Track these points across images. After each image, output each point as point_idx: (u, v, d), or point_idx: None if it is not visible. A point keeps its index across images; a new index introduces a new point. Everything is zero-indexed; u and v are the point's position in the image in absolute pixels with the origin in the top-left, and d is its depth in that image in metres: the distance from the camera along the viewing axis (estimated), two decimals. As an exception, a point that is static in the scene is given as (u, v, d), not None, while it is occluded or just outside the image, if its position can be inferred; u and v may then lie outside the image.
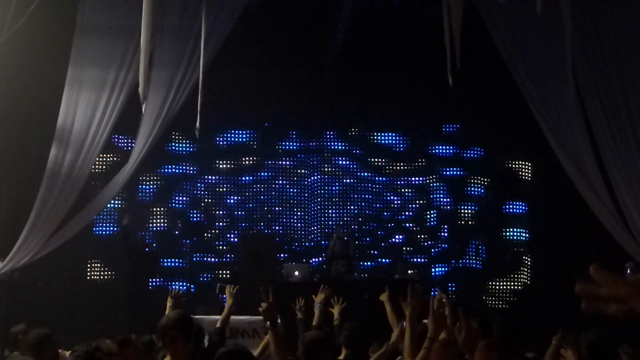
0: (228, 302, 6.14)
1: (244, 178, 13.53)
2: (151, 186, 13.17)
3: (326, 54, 11.88)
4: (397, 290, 5.49)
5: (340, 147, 13.83)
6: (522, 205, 13.89)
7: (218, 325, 5.86)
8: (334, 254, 11.63)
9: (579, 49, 8.47)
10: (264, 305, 4.31)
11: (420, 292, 4.50)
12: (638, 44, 8.71)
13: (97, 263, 12.56)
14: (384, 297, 5.74)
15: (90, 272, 12.50)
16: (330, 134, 13.81)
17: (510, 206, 13.86)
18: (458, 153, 13.86)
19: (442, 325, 4.33)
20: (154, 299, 12.05)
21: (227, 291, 6.23)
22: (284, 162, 13.67)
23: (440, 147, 13.89)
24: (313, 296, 6.48)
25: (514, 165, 13.93)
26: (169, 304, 5.93)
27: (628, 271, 8.15)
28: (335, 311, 6.36)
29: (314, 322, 6.12)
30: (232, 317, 6.23)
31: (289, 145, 13.76)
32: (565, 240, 12.27)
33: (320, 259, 13.18)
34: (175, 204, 13.29)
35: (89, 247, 12.34)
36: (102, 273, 12.55)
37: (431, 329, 4.22)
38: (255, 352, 5.22)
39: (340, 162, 13.78)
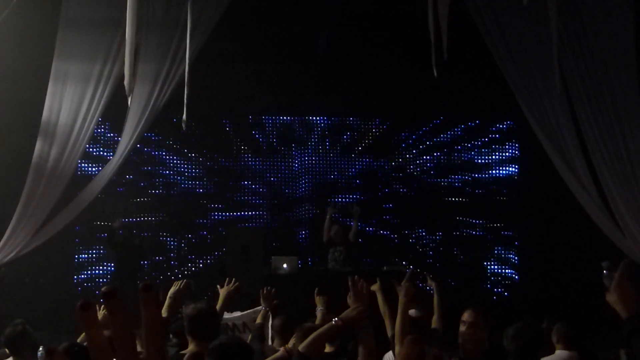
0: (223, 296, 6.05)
1: (230, 171, 13.48)
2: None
3: (314, 46, 11.81)
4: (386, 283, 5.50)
5: (328, 135, 13.73)
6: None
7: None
8: (331, 240, 11.12)
9: (564, 40, 8.50)
10: (353, 291, 4.23)
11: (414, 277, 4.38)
12: (623, 35, 8.74)
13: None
14: (375, 287, 5.74)
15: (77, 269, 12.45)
16: (317, 121, 13.73)
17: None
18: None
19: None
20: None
21: (223, 289, 6.12)
22: (271, 154, 13.58)
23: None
24: None
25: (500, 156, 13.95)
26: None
27: (604, 271, 8.14)
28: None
29: (317, 322, 6.09)
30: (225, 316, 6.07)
31: (277, 136, 13.65)
32: (552, 234, 12.33)
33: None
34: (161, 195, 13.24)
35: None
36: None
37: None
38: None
39: (325, 150, 13.70)
